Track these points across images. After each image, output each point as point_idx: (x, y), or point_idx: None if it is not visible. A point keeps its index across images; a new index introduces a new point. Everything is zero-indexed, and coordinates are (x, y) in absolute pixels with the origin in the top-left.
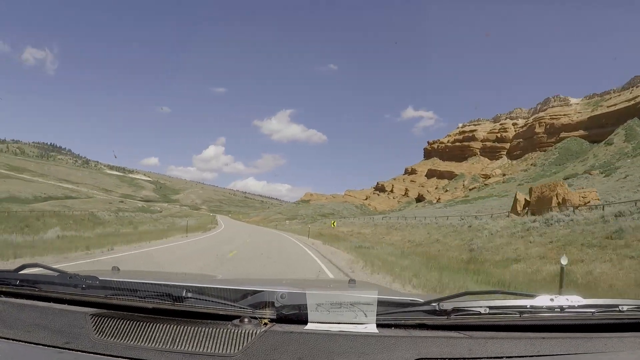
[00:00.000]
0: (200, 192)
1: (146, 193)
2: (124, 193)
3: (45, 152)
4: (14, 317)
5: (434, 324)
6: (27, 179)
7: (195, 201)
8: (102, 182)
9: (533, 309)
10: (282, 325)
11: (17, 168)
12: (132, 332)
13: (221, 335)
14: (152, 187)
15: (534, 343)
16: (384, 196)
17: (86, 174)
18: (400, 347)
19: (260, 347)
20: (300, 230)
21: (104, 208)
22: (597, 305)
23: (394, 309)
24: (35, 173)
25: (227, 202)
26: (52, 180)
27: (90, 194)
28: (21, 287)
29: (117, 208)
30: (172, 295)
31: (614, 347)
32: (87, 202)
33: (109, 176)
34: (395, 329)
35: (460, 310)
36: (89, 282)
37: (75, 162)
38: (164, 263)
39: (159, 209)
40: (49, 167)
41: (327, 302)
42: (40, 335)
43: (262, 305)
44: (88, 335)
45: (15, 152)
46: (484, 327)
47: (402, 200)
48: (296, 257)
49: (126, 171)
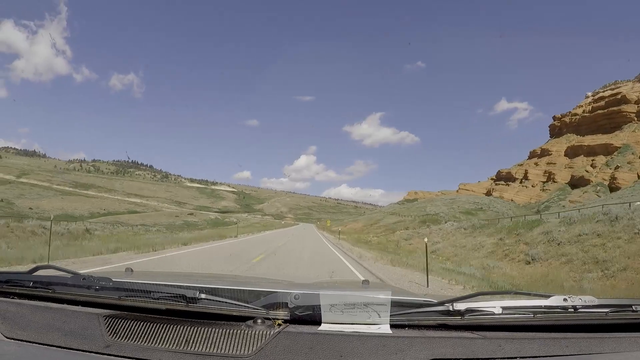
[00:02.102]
0: (287, 200)
1: (226, 204)
2: (200, 205)
3: (122, 169)
4: (28, 319)
5: (448, 325)
6: (91, 195)
7: (280, 210)
8: (179, 194)
9: (547, 309)
10: (296, 326)
11: (84, 185)
12: (146, 333)
13: (235, 336)
14: (234, 197)
15: (548, 343)
16: (515, 185)
17: (163, 187)
18: (414, 348)
19: (273, 348)
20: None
21: (166, 222)
22: (610, 305)
23: (407, 309)
24: (102, 189)
25: (318, 209)
26: (120, 196)
27: (158, 208)
28: (35, 289)
29: (184, 222)
30: (186, 297)
31: (627, 347)
32: (148, 216)
33: (188, 189)
34: (408, 330)
35: (474, 310)
36: (102, 283)
37: (153, 177)
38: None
39: (235, 220)
40: (121, 183)
41: (341, 303)
42: (53, 336)
43: (276, 306)
44: (102, 336)
45: (89, 169)
46: (497, 327)
47: (548, 187)
48: None
49: (209, 183)
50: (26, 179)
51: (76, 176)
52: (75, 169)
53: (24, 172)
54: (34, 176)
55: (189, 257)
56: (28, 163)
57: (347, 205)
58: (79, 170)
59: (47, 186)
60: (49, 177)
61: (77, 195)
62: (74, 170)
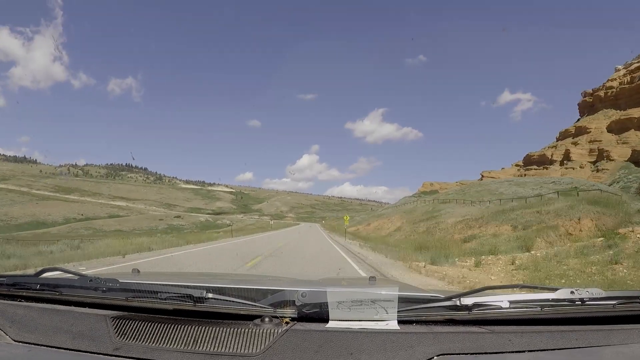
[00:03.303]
0: (287, 199)
1: (221, 205)
2: (192, 207)
3: (114, 172)
4: (36, 322)
5: (455, 319)
6: (71, 200)
7: (280, 209)
8: (171, 196)
9: (554, 302)
10: (304, 324)
11: (67, 189)
12: (154, 333)
13: (242, 335)
14: (230, 198)
15: (556, 336)
16: (556, 168)
17: (154, 189)
18: (422, 343)
19: (281, 346)
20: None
21: (147, 226)
22: (617, 297)
23: (415, 305)
24: (86, 193)
25: (322, 207)
26: (104, 199)
27: (143, 211)
28: (42, 291)
29: (168, 225)
30: (193, 296)
31: (635, 339)
32: (128, 220)
33: (182, 190)
34: (416, 325)
35: (481, 305)
36: (110, 284)
37: (146, 179)
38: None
39: (229, 222)
40: (109, 186)
41: (348, 300)
42: (61, 339)
43: (283, 304)
44: (109, 337)
45: (77, 173)
46: (505, 321)
47: (604, 166)
48: None
49: (205, 184)
50: (4, 184)
51: (61, 180)
52: (63, 173)
53: (4, 178)
54: (15, 181)
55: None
56: (12, 169)
57: (351, 202)
58: (67, 174)
59: (25, 191)
60: (30, 182)
61: (56, 200)
62: (60, 175)
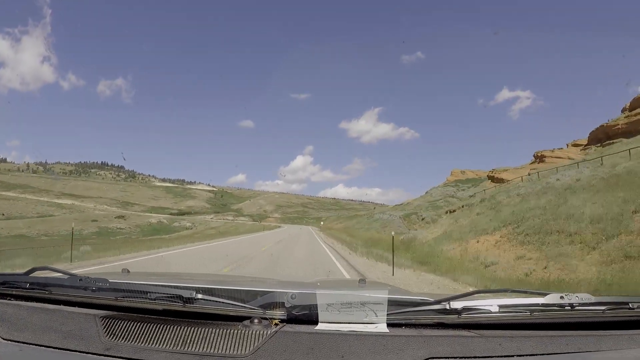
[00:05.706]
0: (274, 198)
1: (192, 204)
2: (156, 206)
3: (81, 169)
4: (25, 320)
5: (445, 323)
6: (4, 196)
7: (264, 208)
8: (136, 194)
9: (544, 307)
10: (293, 326)
11: (9, 185)
12: (143, 334)
13: (232, 336)
14: (207, 197)
15: (545, 341)
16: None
17: (119, 187)
18: (411, 347)
19: (270, 347)
20: None
21: (68, 229)
22: (607, 303)
23: (404, 308)
24: (30, 190)
25: (316, 206)
26: (49, 197)
27: (86, 209)
28: (31, 290)
29: (100, 229)
30: (183, 297)
31: (625, 345)
32: (54, 220)
33: (153, 189)
34: (406, 329)
35: (471, 309)
36: (99, 284)
37: (116, 177)
38: None
39: (189, 224)
40: (65, 184)
41: (338, 302)
42: (50, 337)
43: (273, 306)
44: (98, 337)
45: (36, 169)
46: (494, 325)
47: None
48: None
49: (185, 183)
50: None
51: (10, 178)
52: (21, 170)
53: None
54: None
55: None
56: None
57: (350, 202)
58: (25, 171)
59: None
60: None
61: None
62: (13, 171)
